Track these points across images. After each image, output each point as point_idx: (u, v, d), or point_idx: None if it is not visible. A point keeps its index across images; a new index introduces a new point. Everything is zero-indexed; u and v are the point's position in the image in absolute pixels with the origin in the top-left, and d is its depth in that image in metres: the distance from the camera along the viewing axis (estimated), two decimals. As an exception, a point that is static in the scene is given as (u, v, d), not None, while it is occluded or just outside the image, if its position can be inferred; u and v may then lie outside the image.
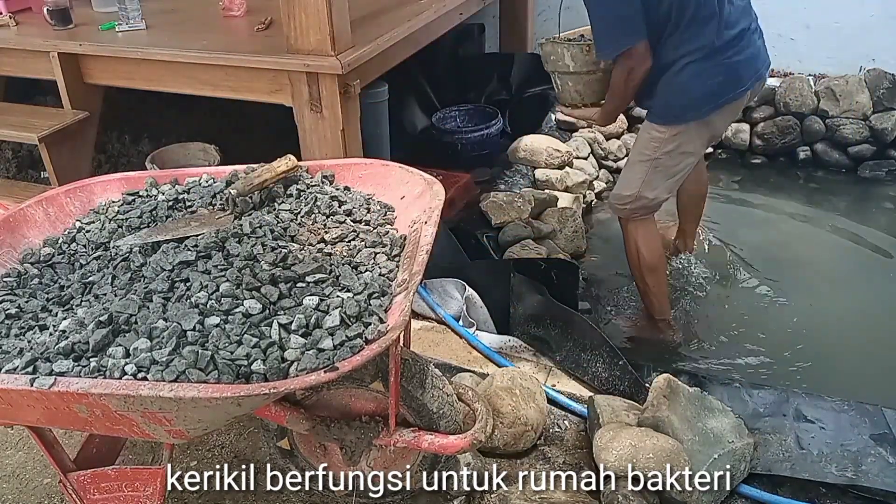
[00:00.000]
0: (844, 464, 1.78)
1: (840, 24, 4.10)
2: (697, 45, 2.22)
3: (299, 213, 1.63)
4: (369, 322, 1.27)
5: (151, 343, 1.25)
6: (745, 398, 2.03)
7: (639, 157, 2.46)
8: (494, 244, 2.94)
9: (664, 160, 2.41)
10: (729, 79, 2.27)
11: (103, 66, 2.84)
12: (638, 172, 2.46)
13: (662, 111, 2.36)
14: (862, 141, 4.02)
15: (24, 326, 1.37)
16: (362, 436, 1.50)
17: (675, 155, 2.40)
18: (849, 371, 2.59)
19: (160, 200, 1.71)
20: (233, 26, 3.04)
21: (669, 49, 2.25)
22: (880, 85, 3.98)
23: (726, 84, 2.27)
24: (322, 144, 2.53)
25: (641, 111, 4.24)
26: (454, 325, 2.37)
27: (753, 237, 3.47)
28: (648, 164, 2.42)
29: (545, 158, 3.46)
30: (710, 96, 2.28)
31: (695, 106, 2.30)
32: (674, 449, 1.65)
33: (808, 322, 2.85)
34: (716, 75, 2.25)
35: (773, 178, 4.06)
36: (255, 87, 2.57)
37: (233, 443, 1.98)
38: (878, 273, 3.21)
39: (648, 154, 2.42)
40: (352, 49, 2.44)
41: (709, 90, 2.27)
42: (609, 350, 2.07)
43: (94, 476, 1.50)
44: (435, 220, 1.51)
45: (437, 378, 1.57)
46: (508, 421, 1.84)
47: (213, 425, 1.44)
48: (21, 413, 1.30)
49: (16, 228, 1.64)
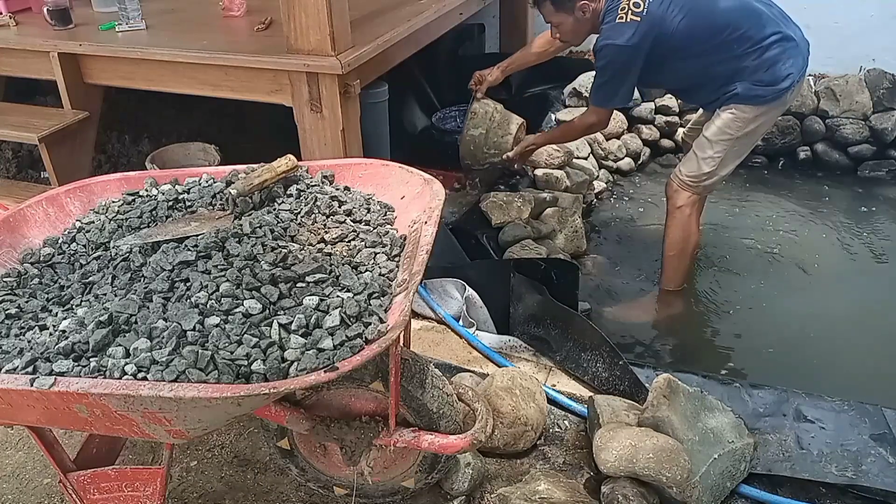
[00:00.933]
0: (844, 464, 1.78)
1: (840, 24, 4.10)
2: (774, 30, 2.48)
3: (299, 213, 1.63)
4: (369, 322, 1.27)
5: (151, 343, 1.25)
6: (745, 398, 2.03)
7: (720, 137, 2.62)
8: (494, 244, 2.94)
9: (743, 140, 2.63)
10: (796, 62, 2.52)
11: (103, 66, 2.84)
12: (719, 151, 2.64)
13: (749, 92, 2.52)
14: (862, 141, 4.02)
15: (24, 326, 1.37)
16: (362, 436, 1.50)
17: (752, 135, 2.64)
18: (849, 371, 2.59)
19: (160, 200, 1.71)
20: (233, 26, 3.04)
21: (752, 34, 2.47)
22: (880, 85, 3.98)
23: (795, 66, 2.52)
24: (322, 144, 2.53)
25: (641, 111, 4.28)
26: (454, 325, 2.37)
27: (753, 237, 3.47)
28: (729, 143, 2.62)
29: (545, 158, 3.45)
30: (788, 76, 2.50)
31: (779, 86, 2.50)
32: (674, 449, 1.65)
33: (807, 322, 2.85)
34: (794, 55, 2.51)
35: (773, 178, 4.06)
36: (255, 87, 2.57)
37: (233, 443, 1.98)
38: (878, 273, 3.21)
39: (731, 133, 2.60)
40: (352, 49, 2.44)
41: (788, 70, 2.50)
42: (609, 350, 2.07)
43: (94, 476, 1.50)
44: (435, 220, 1.51)
45: (437, 378, 1.57)
46: (508, 421, 1.84)
47: (213, 425, 1.44)
48: (21, 413, 1.30)
49: (16, 228, 1.64)
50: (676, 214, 2.80)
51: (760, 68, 2.49)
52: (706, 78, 2.59)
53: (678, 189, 2.78)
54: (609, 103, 2.71)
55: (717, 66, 2.53)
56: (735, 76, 2.52)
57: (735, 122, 2.58)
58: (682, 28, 2.46)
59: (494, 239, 2.97)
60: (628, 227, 3.65)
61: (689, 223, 2.80)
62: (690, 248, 2.87)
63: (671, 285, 2.97)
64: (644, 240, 3.53)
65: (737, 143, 2.63)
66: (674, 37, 2.47)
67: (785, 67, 2.49)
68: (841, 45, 4.12)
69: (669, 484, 1.62)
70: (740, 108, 2.55)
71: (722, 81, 2.55)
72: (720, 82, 2.56)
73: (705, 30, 2.48)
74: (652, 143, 4.30)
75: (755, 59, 2.48)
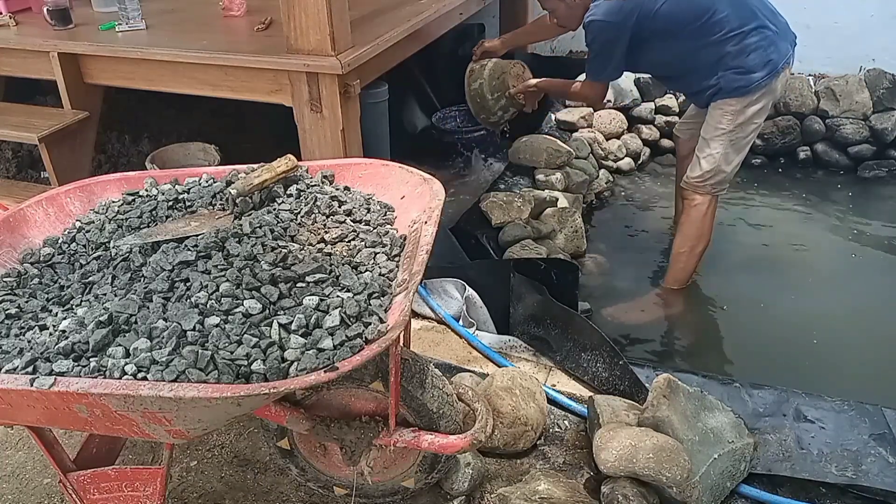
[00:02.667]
0: (844, 464, 1.78)
1: (840, 24, 4.10)
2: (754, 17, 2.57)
3: (299, 213, 1.63)
4: (369, 322, 1.27)
5: (151, 343, 1.25)
6: (745, 398, 2.03)
7: (714, 134, 2.71)
8: (494, 244, 2.94)
9: (737, 132, 2.69)
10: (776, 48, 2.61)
11: (103, 66, 2.84)
12: (716, 148, 2.72)
13: (731, 84, 2.61)
14: (862, 141, 4.02)
15: (24, 326, 1.37)
16: (362, 436, 1.50)
17: (747, 126, 2.69)
18: (849, 371, 2.59)
19: (160, 200, 1.71)
20: (233, 26, 3.04)
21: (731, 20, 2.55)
22: (880, 85, 3.98)
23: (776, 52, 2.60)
24: (322, 144, 2.53)
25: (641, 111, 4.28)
26: (454, 325, 2.37)
27: (753, 237, 3.47)
28: (724, 137, 2.70)
29: (545, 158, 3.46)
30: (769, 62, 2.59)
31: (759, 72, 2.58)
32: (674, 449, 1.65)
33: (807, 322, 2.85)
34: (775, 42, 2.60)
35: (773, 178, 4.06)
36: (255, 87, 2.57)
37: (233, 443, 1.98)
38: (878, 273, 3.21)
39: (724, 128, 2.68)
40: (352, 49, 2.44)
41: (769, 56, 2.58)
42: (609, 350, 2.07)
43: (94, 476, 1.50)
44: (435, 220, 1.51)
45: (437, 378, 1.57)
46: (508, 421, 1.84)
47: (213, 425, 1.44)
48: (21, 413, 1.30)
49: (16, 228, 1.64)
50: (692, 212, 2.85)
51: (741, 54, 2.57)
52: (691, 63, 2.68)
53: (691, 193, 2.84)
54: (599, 76, 2.86)
55: (700, 51, 2.61)
56: (718, 64, 2.60)
57: (725, 117, 2.66)
58: (665, 10, 2.57)
59: (494, 239, 2.97)
60: (628, 227, 3.65)
61: (703, 222, 2.84)
62: (701, 247, 2.90)
63: (676, 284, 2.98)
64: (644, 240, 3.53)
65: (733, 137, 2.69)
66: (657, 18, 2.58)
67: (766, 54, 2.58)
68: (841, 45, 4.12)
69: (669, 484, 1.62)
70: (726, 102, 2.65)
71: (706, 70, 2.64)
72: (704, 71, 2.65)
73: (687, 13, 2.57)
74: (652, 143, 4.31)
75: (735, 44, 2.56)
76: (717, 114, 2.69)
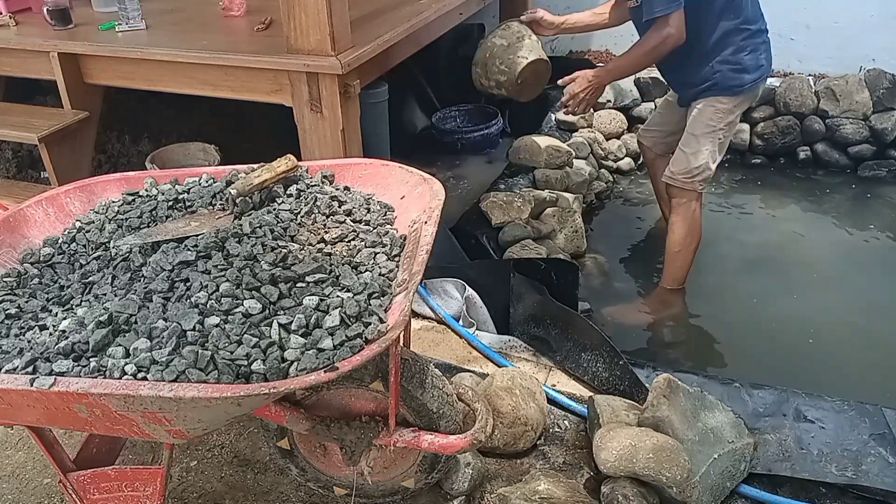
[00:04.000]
0: (844, 464, 1.78)
1: (840, 24, 4.11)
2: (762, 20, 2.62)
3: (299, 213, 1.63)
4: (369, 322, 1.27)
5: (151, 343, 1.25)
6: (745, 398, 2.03)
7: (704, 130, 2.72)
8: (494, 244, 2.94)
9: (725, 131, 2.74)
10: (768, 56, 2.69)
11: (103, 66, 2.84)
12: (705, 145, 2.73)
13: (727, 82, 2.63)
14: (862, 141, 4.02)
15: (24, 326, 1.37)
16: (362, 436, 1.50)
17: (732, 126, 2.76)
18: (849, 371, 2.59)
19: (160, 200, 1.71)
20: (233, 26, 3.04)
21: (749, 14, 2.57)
22: (880, 85, 3.98)
23: (767, 59, 2.68)
24: (322, 144, 2.53)
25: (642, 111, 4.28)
26: (454, 325, 2.37)
27: (753, 237, 3.47)
28: (713, 135, 2.72)
29: (545, 158, 3.46)
30: (761, 67, 2.65)
31: (754, 74, 2.63)
32: (674, 449, 1.65)
33: (808, 322, 2.85)
34: (767, 51, 2.67)
35: (773, 179, 4.06)
36: (255, 87, 2.57)
37: (233, 443, 1.98)
38: (878, 273, 3.21)
39: (714, 125, 2.71)
40: (352, 49, 2.44)
41: (762, 62, 2.65)
42: (609, 350, 2.07)
43: (94, 476, 1.50)
44: (435, 220, 1.51)
45: (437, 378, 1.57)
46: (508, 421, 1.84)
47: (213, 425, 1.44)
48: (21, 413, 1.30)
49: (16, 228, 1.64)
50: (681, 211, 2.85)
51: (742, 50, 2.59)
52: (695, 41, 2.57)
53: (679, 192, 2.83)
54: (673, 4, 2.47)
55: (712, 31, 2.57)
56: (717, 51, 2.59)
57: (716, 114, 2.70)
58: None
59: (494, 239, 2.97)
60: (628, 227, 3.65)
61: (693, 219, 2.85)
62: (695, 244, 2.91)
63: (674, 283, 2.99)
64: (644, 240, 3.54)
65: (720, 135, 2.73)
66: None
67: (762, 58, 2.64)
68: (841, 45, 4.13)
69: (669, 484, 1.62)
70: (718, 100, 2.67)
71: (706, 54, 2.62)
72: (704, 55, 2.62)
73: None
74: (652, 143, 4.30)
75: (743, 38, 2.58)
76: (709, 111, 2.70)
